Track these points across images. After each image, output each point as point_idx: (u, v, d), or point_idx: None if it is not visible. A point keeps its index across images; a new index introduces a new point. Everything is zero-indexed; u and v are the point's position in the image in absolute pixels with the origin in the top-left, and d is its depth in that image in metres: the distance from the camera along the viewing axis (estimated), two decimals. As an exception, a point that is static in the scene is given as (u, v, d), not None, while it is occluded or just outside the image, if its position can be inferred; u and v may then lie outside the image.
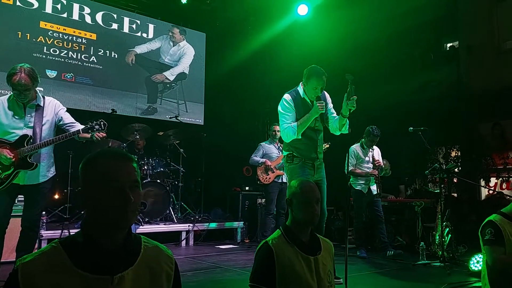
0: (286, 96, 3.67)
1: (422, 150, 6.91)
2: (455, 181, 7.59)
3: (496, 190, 7.73)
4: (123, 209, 1.12)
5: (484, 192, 8.25)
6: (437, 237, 5.01)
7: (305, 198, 2.00)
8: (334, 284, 1.98)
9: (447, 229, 5.02)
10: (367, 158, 5.31)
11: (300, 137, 3.56)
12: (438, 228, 5.00)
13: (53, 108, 3.36)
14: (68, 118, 3.44)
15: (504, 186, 7.92)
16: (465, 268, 4.14)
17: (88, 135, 3.31)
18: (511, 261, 2.87)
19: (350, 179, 5.34)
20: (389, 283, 3.64)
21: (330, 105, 3.82)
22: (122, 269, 1.13)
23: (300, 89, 3.72)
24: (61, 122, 3.41)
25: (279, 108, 3.68)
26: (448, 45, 9.43)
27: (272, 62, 9.08)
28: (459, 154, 8.10)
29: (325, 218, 3.65)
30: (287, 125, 3.57)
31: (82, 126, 3.34)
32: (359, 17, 8.54)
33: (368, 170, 5.25)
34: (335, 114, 3.74)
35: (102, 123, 3.24)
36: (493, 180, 7.97)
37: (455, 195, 7.63)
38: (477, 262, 3.97)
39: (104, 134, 3.32)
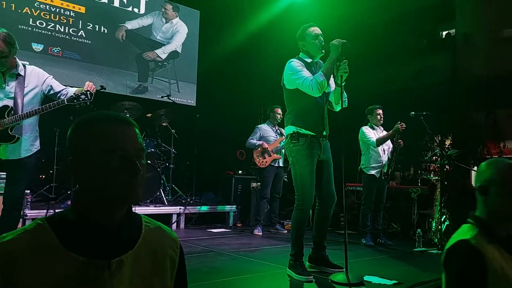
0: (293, 60, 3.31)
1: (417, 137, 6.83)
2: (449, 168, 7.54)
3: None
4: (131, 183, 0.93)
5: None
6: (434, 224, 4.93)
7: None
8: None
9: (444, 216, 4.94)
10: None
11: (317, 94, 3.17)
12: (435, 215, 4.91)
13: (37, 77, 3.12)
14: (58, 85, 3.20)
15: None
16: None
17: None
18: None
19: (361, 164, 5.17)
20: (388, 270, 3.54)
21: None
22: (120, 252, 0.95)
23: (303, 56, 3.39)
24: (51, 92, 3.16)
25: (290, 71, 3.24)
26: (444, 32, 9.30)
27: (268, 44, 8.85)
28: (452, 142, 8.03)
29: (334, 202, 3.40)
30: (310, 78, 3.14)
31: (75, 89, 3.09)
32: (355, 1, 8.35)
33: (382, 152, 5.05)
34: (332, 86, 3.42)
35: (88, 92, 3.01)
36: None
37: (448, 183, 7.60)
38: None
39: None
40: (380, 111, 5.16)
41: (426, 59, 8.72)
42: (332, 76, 3.29)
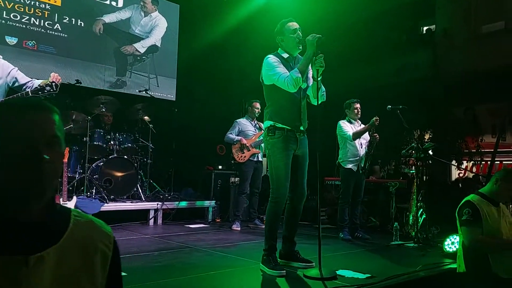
0: (269, 56, 3.31)
1: (397, 131, 6.86)
2: (429, 162, 7.60)
3: (469, 171, 7.81)
4: (34, 173, 0.87)
5: (455, 175, 8.33)
6: (411, 218, 4.96)
7: None
8: None
9: (421, 210, 4.97)
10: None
11: (292, 89, 3.17)
12: (412, 208, 4.93)
13: (1, 68, 3.02)
14: (24, 77, 3.10)
15: (474, 169, 8.01)
16: (439, 249, 4.09)
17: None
18: (488, 241, 2.80)
19: (339, 158, 5.16)
20: (364, 264, 3.54)
21: None
22: (41, 248, 0.88)
23: (281, 52, 3.38)
24: (16, 84, 3.06)
25: (266, 67, 3.26)
26: (425, 28, 9.36)
27: (249, 40, 8.77)
28: (431, 136, 8.10)
29: (304, 199, 3.42)
30: (286, 74, 3.16)
31: (41, 81, 2.99)
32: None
33: (359, 146, 5.05)
34: (311, 81, 3.42)
35: (53, 84, 2.92)
36: (465, 163, 8.04)
37: (425, 177, 7.66)
38: (451, 244, 3.91)
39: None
40: (358, 105, 5.15)
41: (407, 55, 8.78)
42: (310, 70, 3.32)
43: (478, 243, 2.81)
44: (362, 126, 5.15)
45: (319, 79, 3.21)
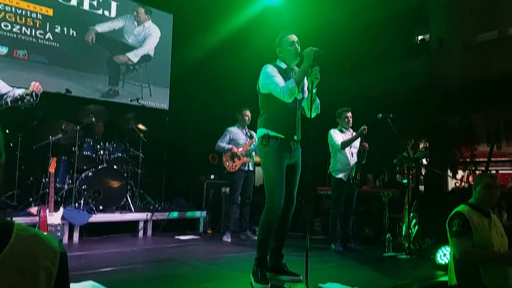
0: (268, 66, 3.34)
1: (391, 140, 6.80)
2: (423, 172, 7.53)
3: (464, 181, 7.73)
4: None
5: (451, 184, 8.26)
6: (404, 229, 4.87)
7: None
8: None
9: (414, 220, 4.89)
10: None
11: (288, 99, 3.19)
12: (405, 219, 4.86)
13: None
14: (5, 87, 3.05)
15: (470, 178, 7.93)
16: (431, 261, 4.00)
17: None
18: (478, 253, 2.71)
19: (330, 167, 5.10)
20: (354, 276, 3.45)
21: None
22: None
23: (279, 62, 3.42)
24: None
25: (264, 76, 3.28)
26: (419, 37, 9.37)
27: (243, 49, 8.75)
28: (427, 145, 8.05)
29: (292, 208, 3.38)
30: (282, 84, 3.18)
31: (21, 90, 2.93)
32: (331, 6, 8.35)
33: (349, 155, 4.99)
34: (306, 93, 3.44)
35: (34, 93, 2.86)
36: (460, 173, 7.97)
37: (422, 187, 7.59)
38: (443, 255, 3.83)
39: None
40: (349, 114, 5.09)
41: (402, 64, 8.76)
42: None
43: (468, 255, 2.72)
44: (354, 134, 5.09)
45: (314, 91, 3.22)
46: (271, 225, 3.22)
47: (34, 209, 4.82)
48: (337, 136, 4.99)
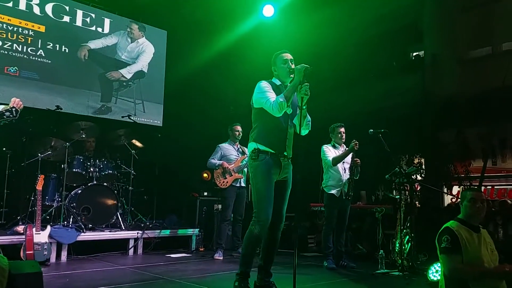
0: (262, 81, 3.39)
1: (385, 157, 6.76)
2: (418, 188, 7.47)
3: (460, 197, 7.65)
4: None
5: (447, 200, 8.19)
6: (397, 245, 4.79)
7: None
8: None
9: (407, 236, 4.82)
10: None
11: (278, 114, 3.22)
12: (397, 235, 4.78)
13: None
14: None
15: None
16: (424, 278, 3.92)
17: None
18: (468, 270, 2.64)
19: (323, 183, 5.04)
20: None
21: None
22: None
23: (274, 80, 3.48)
24: None
25: (257, 91, 3.34)
26: (414, 54, 9.42)
27: (237, 64, 8.77)
28: (422, 161, 8.00)
29: (281, 225, 3.32)
30: (272, 99, 3.22)
31: (1, 107, 2.87)
32: (326, 22, 8.40)
33: (342, 171, 4.94)
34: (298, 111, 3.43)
35: (14, 109, 2.81)
36: (455, 188, 7.91)
37: (417, 203, 7.52)
38: (436, 272, 3.75)
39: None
40: (342, 129, 5.07)
41: (397, 80, 8.78)
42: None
43: (458, 272, 2.66)
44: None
45: (304, 107, 3.23)
46: (257, 240, 3.19)
47: (21, 228, 4.74)
48: (329, 152, 4.96)
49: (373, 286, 3.86)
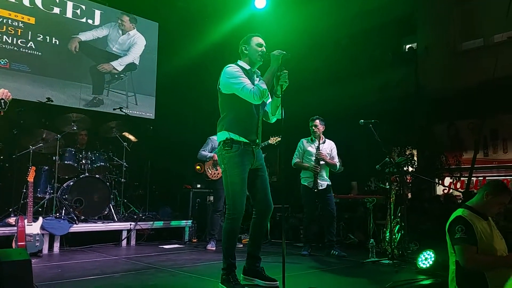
0: (230, 65, 3.20)
1: (378, 147, 6.79)
2: (409, 179, 7.53)
3: (452, 188, 7.74)
4: None
5: (439, 191, 8.26)
6: (388, 234, 4.84)
7: None
8: None
9: (398, 226, 4.87)
10: (313, 150, 5.04)
11: (257, 101, 3.08)
12: (388, 225, 4.83)
13: None
14: None
15: (458, 185, 7.95)
16: (413, 266, 3.97)
17: None
18: (485, 260, 2.51)
19: (300, 174, 5.11)
20: (332, 281, 3.42)
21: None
22: None
23: (242, 63, 3.28)
24: None
25: (228, 76, 3.12)
26: (407, 46, 9.44)
27: (230, 56, 8.71)
28: (414, 152, 8.06)
29: (270, 212, 3.25)
30: (251, 86, 3.04)
31: None
32: (319, 14, 8.39)
33: (314, 162, 4.98)
34: (270, 100, 3.33)
35: (2, 101, 2.80)
36: (447, 180, 7.98)
37: (409, 194, 7.57)
38: (425, 259, 3.80)
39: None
40: (316, 122, 5.04)
41: (390, 72, 8.79)
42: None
43: (475, 263, 2.51)
44: (327, 143, 5.09)
45: (280, 95, 3.12)
46: (234, 233, 3.14)
47: (12, 219, 4.74)
48: (299, 150, 5.12)
49: (362, 273, 3.89)
